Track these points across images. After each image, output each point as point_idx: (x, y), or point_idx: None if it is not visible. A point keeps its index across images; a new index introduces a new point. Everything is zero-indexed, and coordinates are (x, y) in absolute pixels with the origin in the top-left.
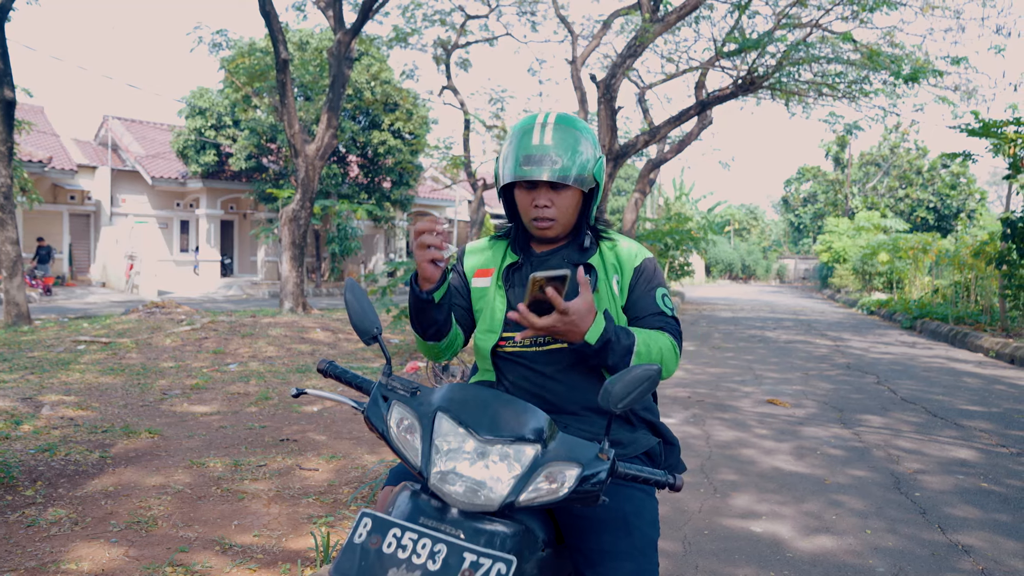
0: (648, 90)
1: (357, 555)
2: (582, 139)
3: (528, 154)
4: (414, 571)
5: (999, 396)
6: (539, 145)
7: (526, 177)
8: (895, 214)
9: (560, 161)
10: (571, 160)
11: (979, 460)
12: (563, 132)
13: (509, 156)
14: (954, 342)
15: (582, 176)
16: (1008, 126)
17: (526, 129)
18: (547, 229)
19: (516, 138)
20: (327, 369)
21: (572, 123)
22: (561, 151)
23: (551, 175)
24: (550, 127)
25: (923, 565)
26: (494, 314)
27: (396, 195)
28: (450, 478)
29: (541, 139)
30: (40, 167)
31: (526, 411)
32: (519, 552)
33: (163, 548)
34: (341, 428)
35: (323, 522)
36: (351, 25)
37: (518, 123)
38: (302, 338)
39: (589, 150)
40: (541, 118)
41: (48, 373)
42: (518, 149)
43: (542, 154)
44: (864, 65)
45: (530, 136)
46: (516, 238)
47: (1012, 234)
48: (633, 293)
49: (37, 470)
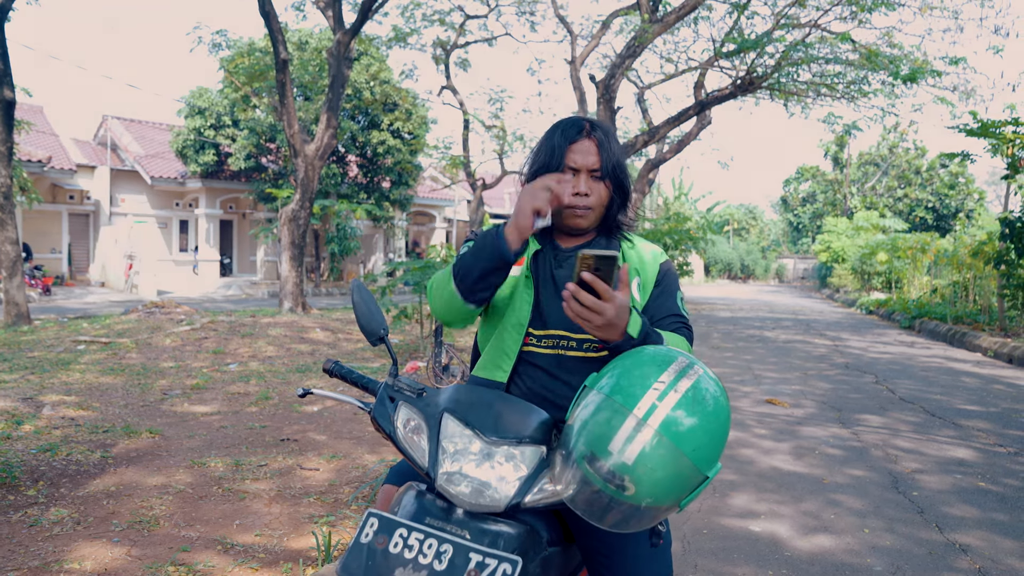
0: (647, 90)
1: (364, 554)
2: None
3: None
4: (420, 571)
5: (997, 396)
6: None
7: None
8: (894, 214)
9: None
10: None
11: (977, 459)
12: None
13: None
14: (952, 342)
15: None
16: (1006, 126)
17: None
18: (581, 217)
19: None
20: (333, 369)
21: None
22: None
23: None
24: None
25: (920, 564)
26: (522, 307)
27: (395, 195)
28: (456, 479)
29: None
30: (39, 167)
31: (531, 413)
32: (524, 552)
33: (165, 548)
34: (341, 428)
35: (324, 522)
36: (350, 25)
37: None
38: (302, 338)
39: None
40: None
41: (48, 373)
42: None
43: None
44: (862, 65)
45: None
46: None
47: (1010, 234)
48: (654, 295)
49: (39, 470)
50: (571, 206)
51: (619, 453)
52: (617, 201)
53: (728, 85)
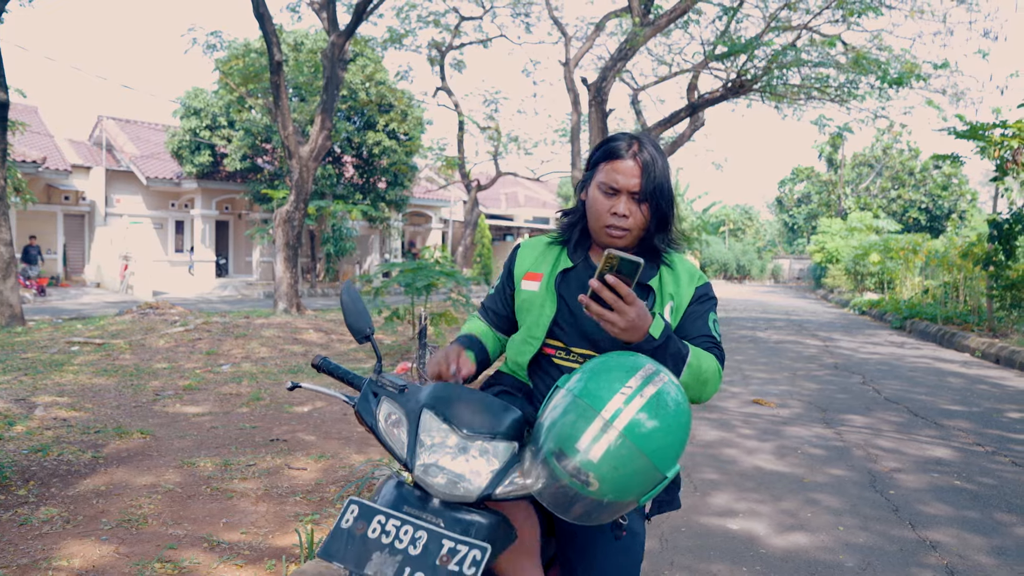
0: (642, 91)
1: (344, 539)
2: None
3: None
4: (396, 555)
5: (980, 396)
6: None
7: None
8: (888, 215)
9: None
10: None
11: (955, 459)
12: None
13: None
14: (942, 342)
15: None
16: (994, 129)
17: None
18: (619, 238)
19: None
20: (321, 364)
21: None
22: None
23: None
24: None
25: (890, 560)
26: (539, 320)
27: (391, 196)
28: (432, 470)
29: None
30: (34, 167)
31: (506, 410)
32: (494, 541)
33: (152, 545)
34: (330, 428)
35: (308, 520)
36: (345, 27)
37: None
38: (295, 339)
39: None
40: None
41: (42, 374)
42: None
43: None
44: (851, 69)
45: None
46: (578, 243)
47: (998, 235)
48: (687, 314)
49: (30, 470)
50: (609, 226)
51: (585, 451)
52: (654, 225)
53: (719, 88)
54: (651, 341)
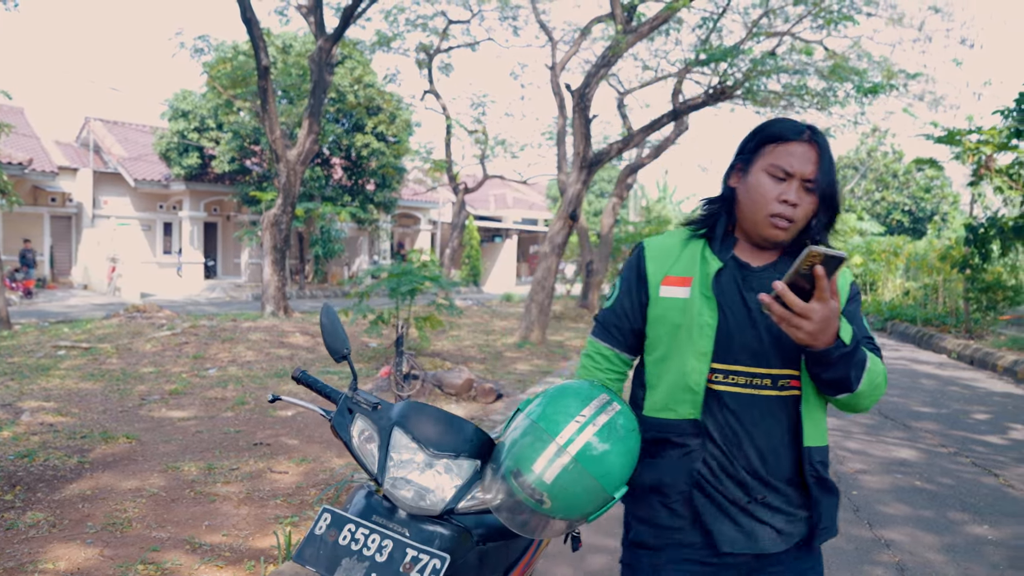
0: (628, 95)
1: (317, 545)
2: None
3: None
4: (364, 561)
5: (951, 397)
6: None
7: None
8: (872, 217)
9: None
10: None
11: (919, 460)
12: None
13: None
14: (921, 344)
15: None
16: (970, 135)
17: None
18: (784, 230)
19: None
20: (300, 377)
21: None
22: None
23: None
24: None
25: (844, 558)
26: (702, 331)
27: (380, 197)
28: (400, 484)
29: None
30: (20, 169)
31: (471, 431)
32: (454, 551)
33: (136, 548)
34: (313, 432)
35: (288, 522)
36: (332, 31)
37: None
38: (281, 343)
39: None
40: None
41: (28, 379)
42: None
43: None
44: (828, 77)
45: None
46: (723, 239)
47: (974, 239)
48: (845, 314)
49: (16, 475)
50: (776, 215)
51: (540, 473)
52: (822, 221)
53: (701, 94)
54: (841, 347)
